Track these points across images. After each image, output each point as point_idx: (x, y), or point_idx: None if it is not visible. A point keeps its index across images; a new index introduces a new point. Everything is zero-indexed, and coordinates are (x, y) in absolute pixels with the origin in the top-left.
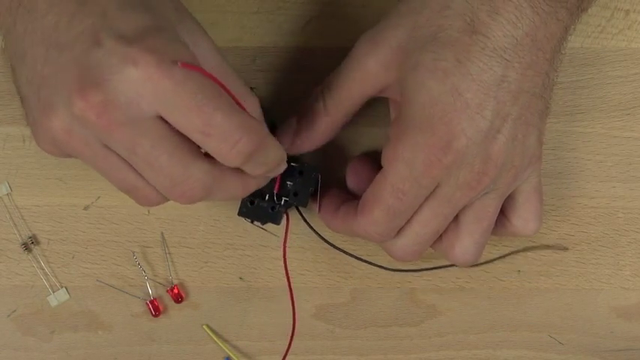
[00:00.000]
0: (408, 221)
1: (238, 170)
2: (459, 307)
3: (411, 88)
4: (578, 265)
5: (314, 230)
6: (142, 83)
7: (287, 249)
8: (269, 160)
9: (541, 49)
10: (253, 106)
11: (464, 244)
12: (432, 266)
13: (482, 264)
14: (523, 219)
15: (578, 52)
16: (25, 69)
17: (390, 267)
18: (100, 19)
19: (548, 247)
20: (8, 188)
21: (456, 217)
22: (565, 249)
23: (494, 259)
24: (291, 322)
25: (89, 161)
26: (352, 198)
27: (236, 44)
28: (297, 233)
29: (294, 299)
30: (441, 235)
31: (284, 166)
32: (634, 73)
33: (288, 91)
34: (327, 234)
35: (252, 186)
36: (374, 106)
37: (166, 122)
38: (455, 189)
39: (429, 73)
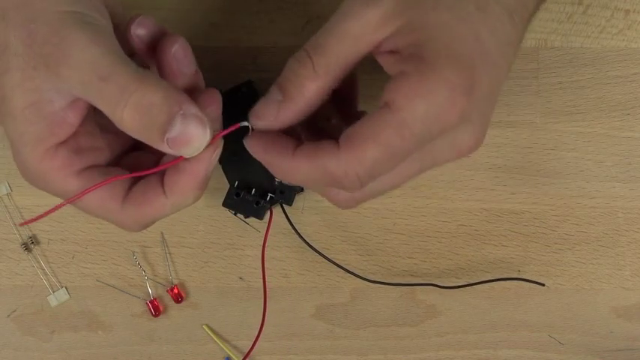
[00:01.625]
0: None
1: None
2: (459, 307)
3: (432, 26)
4: (578, 265)
5: (296, 231)
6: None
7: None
8: (162, 217)
9: (526, 24)
10: (131, 110)
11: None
12: (415, 282)
13: (462, 287)
14: None
15: (578, 52)
16: None
17: (372, 279)
18: None
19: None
20: (8, 188)
21: None
22: (542, 285)
23: (478, 283)
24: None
25: None
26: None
27: (236, 44)
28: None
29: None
30: None
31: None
32: (634, 73)
33: None
34: (308, 236)
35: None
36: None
37: None
38: (452, 151)
39: (450, 12)
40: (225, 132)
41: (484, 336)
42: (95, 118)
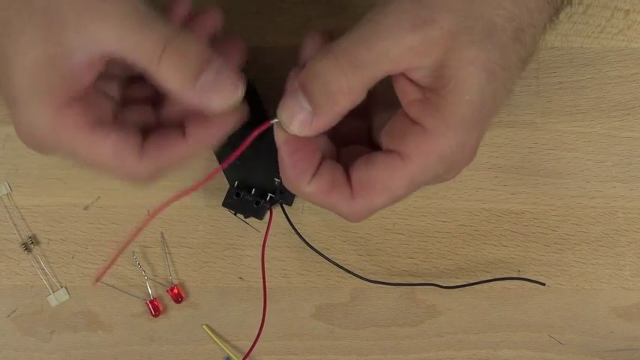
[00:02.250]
0: None
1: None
2: (459, 307)
3: (464, 81)
4: (578, 265)
5: (296, 231)
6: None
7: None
8: (178, 165)
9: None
10: (169, 61)
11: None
12: (415, 282)
13: (461, 286)
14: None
15: (578, 52)
16: None
17: (372, 279)
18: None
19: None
20: (8, 188)
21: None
22: (543, 284)
23: (477, 283)
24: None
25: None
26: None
27: None
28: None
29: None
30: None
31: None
32: (634, 73)
33: None
34: (308, 236)
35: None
36: None
37: None
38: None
39: (485, 73)
40: (259, 130)
41: (484, 336)
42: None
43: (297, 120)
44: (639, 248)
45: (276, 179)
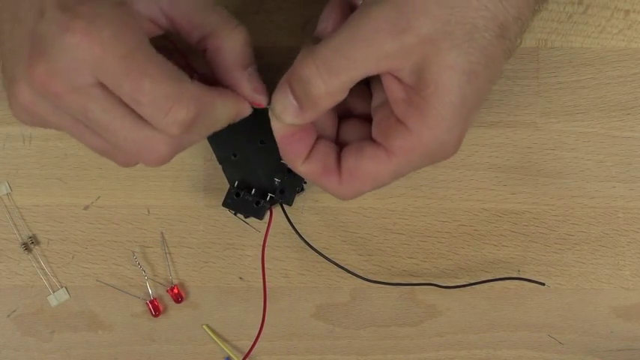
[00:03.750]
0: None
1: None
2: (459, 307)
3: (444, 85)
4: (578, 265)
5: (296, 231)
6: (75, 50)
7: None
8: (218, 122)
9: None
10: (240, 36)
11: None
12: (415, 282)
13: (461, 286)
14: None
15: (578, 52)
16: (0, 45)
17: (372, 279)
18: None
19: (527, 280)
20: (8, 188)
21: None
22: (543, 284)
23: (477, 283)
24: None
25: (59, 128)
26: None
27: None
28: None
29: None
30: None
31: (246, 113)
32: (634, 73)
33: None
34: (308, 236)
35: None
36: None
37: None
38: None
39: (465, 75)
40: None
41: (484, 336)
42: None
43: (287, 113)
44: (639, 248)
45: (276, 179)
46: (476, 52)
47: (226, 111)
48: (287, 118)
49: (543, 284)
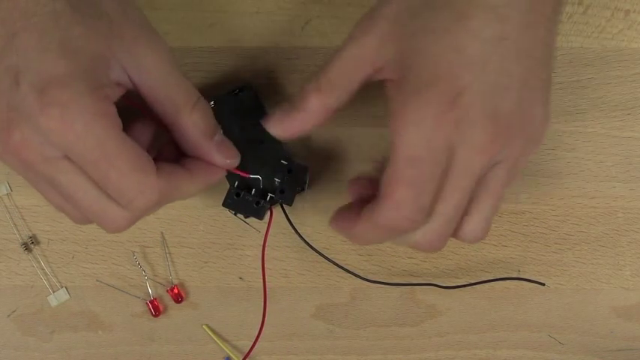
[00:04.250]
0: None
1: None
2: (459, 307)
3: (412, 54)
4: (578, 265)
5: (295, 230)
6: (48, 133)
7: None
8: (184, 197)
9: (537, 11)
10: (199, 112)
11: (475, 221)
12: (412, 282)
13: (462, 286)
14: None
15: (578, 52)
16: None
17: (372, 279)
18: (22, 58)
19: (529, 280)
20: (8, 188)
21: None
22: (542, 284)
23: (478, 283)
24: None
25: (27, 180)
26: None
27: (236, 44)
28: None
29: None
30: None
31: (219, 179)
32: (634, 73)
33: (288, 91)
34: (308, 236)
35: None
36: (374, 105)
37: None
38: (472, 153)
39: (428, 35)
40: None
41: (484, 336)
42: None
43: (275, 120)
44: (639, 248)
45: (276, 179)
46: (434, 13)
47: (194, 188)
48: (276, 123)
49: (543, 284)
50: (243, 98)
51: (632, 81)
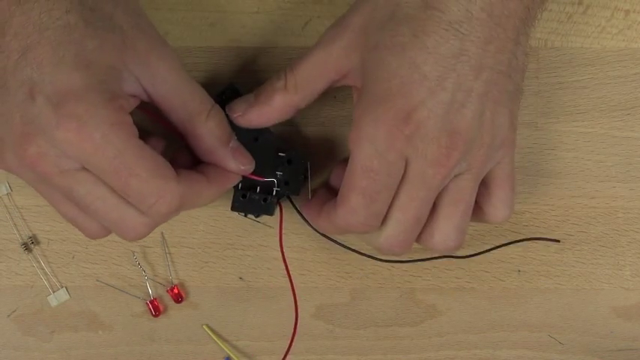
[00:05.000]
0: (388, 209)
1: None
2: (459, 307)
3: (371, 66)
4: (578, 265)
5: (306, 220)
6: (66, 146)
7: (283, 240)
8: (203, 204)
9: (501, 26)
10: (214, 120)
11: (443, 230)
12: (427, 257)
13: (474, 255)
14: (494, 206)
15: (578, 52)
16: None
17: (384, 258)
18: (36, 72)
19: (541, 239)
20: (8, 188)
21: (434, 204)
22: (557, 241)
23: (490, 250)
24: (292, 322)
25: (39, 193)
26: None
27: (236, 44)
28: (298, 233)
29: (296, 295)
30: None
31: (234, 184)
32: (634, 73)
33: None
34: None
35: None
36: None
37: None
38: (425, 166)
39: (387, 49)
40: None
41: (484, 336)
42: None
43: (236, 107)
44: (639, 248)
45: (278, 172)
46: (396, 27)
47: (212, 194)
48: (237, 111)
49: (559, 241)
50: (228, 100)
51: (632, 81)
